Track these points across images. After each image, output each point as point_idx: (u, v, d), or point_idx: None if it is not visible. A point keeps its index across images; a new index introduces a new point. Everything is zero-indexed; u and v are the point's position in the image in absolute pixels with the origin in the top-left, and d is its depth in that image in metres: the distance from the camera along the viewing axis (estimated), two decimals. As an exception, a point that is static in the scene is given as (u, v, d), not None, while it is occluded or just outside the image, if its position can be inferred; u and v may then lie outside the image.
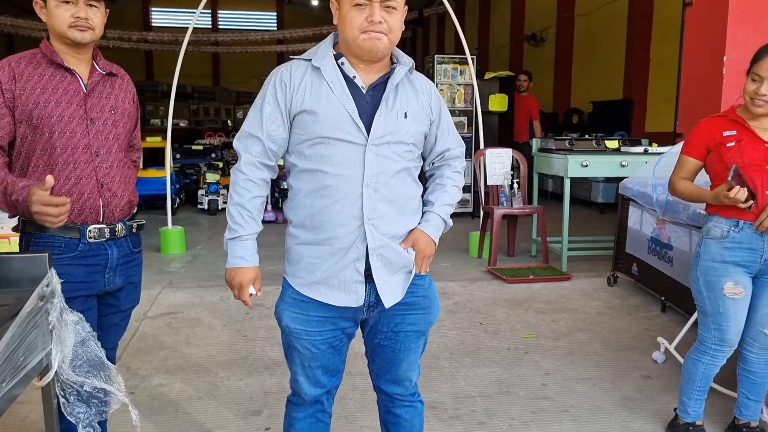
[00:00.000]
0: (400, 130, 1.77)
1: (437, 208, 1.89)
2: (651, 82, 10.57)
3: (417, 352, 1.96)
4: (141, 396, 3.07)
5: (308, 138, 1.75)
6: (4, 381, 1.47)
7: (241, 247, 1.79)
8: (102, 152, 2.02)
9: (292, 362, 1.92)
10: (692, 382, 2.61)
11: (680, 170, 2.63)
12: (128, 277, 2.16)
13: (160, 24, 25.35)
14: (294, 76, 1.76)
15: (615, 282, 5.05)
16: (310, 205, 1.77)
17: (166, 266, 5.71)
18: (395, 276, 1.83)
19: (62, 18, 1.93)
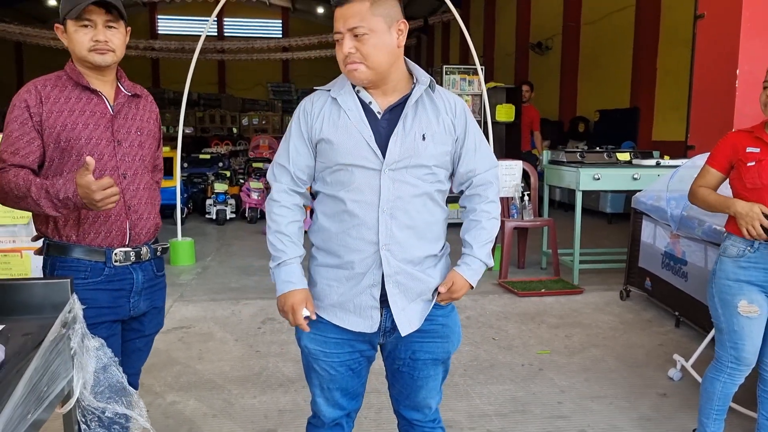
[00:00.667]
0: (418, 153, 1.74)
1: (476, 251, 1.85)
2: (658, 91, 10.54)
3: (437, 380, 1.94)
4: (155, 414, 3.05)
5: (328, 165, 1.77)
6: (29, 413, 1.46)
7: (286, 271, 1.79)
8: (129, 174, 2.01)
9: (312, 383, 1.92)
10: (710, 402, 2.59)
11: (702, 179, 2.62)
12: (153, 301, 2.13)
13: (167, 32, 25.45)
14: (315, 107, 1.80)
15: (627, 296, 5.02)
16: (328, 228, 1.79)
17: (176, 278, 5.70)
18: (413, 303, 1.81)
19: (82, 42, 1.92)
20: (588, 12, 12.95)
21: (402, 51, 1.77)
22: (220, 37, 25.23)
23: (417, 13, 20.49)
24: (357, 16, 1.67)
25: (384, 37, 1.69)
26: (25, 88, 1.93)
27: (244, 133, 18.33)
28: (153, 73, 25.21)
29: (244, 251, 6.98)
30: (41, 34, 17.03)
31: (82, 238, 1.96)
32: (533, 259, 6.37)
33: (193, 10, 23.30)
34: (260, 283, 5.50)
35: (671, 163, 5.33)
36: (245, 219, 9.01)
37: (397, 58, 1.75)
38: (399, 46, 1.73)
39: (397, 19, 1.72)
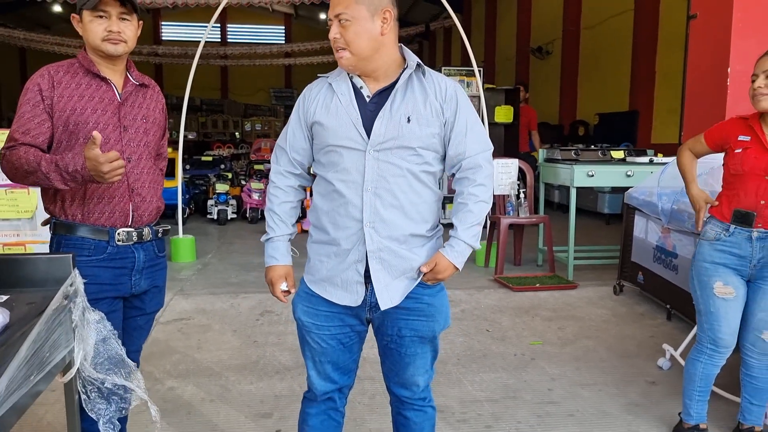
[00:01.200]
0: (402, 135, 1.79)
1: (461, 233, 1.86)
2: (657, 94, 10.63)
3: (425, 358, 1.98)
4: (154, 398, 3.11)
5: (321, 147, 1.88)
6: (32, 375, 1.54)
7: (273, 247, 1.98)
8: (133, 158, 2.10)
9: (305, 356, 2.01)
10: (692, 383, 2.67)
11: (694, 144, 2.78)
12: (153, 280, 2.22)
13: (170, 38, 25.66)
14: (312, 92, 1.92)
15: (621, 290, 5.09)
16: (321, 207, 1.90)
17: (177, 274, 5.78)
18: (397, 281, 1.86)
19: (96, 32, 2.02)
20: (587, 16, 13.06)
21: (390, 38, 1.81)
22: (224, 43, 25.43)
23: (419, 19, 20.64)
24: (342, 3, 1.76)
25: (366, 24, 1.75)
26: (39, 73, 2.03)
27: (246, 138, 18.46)
28: (156, 79, 25.17)
29: (244, 249, 7.07)
30: (45, 39, 17.23)
31: (87, 218, 2.05)
32: (529, 257, 6.44)
33: (196, 17, 23.50)
34: (259, 279, 5.58)
35: (664, 161, 5.42)
36: (246, 219, 9.10)
37: (382, 45, 1.80)
38: (383, 33, 1.78)
39: (381, 8, 1.77)
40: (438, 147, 1.87)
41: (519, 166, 5.91)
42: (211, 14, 6.51)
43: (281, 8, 24.71)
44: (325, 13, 16.44)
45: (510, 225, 5.82)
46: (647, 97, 10.73)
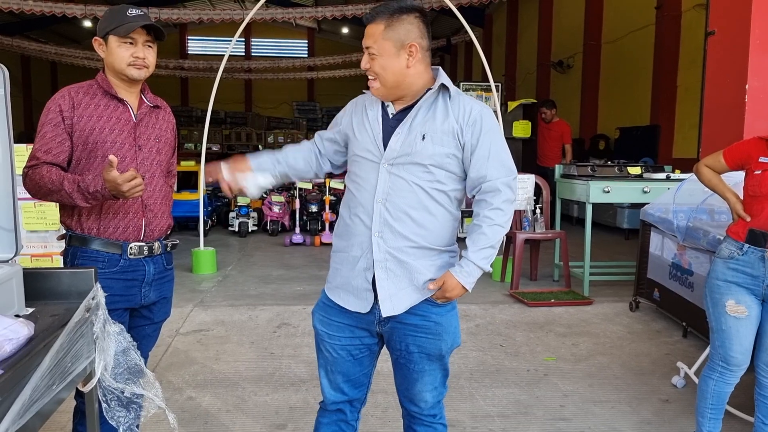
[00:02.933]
0: (416, 152, 1.87)
1: (472, 254, 1.88)
2: (678, 108, 10.56)
3: (433, 376, 2.00)
4: (173, 407, 3.20)
5: (350, 156, 2.05)
6: (54, 384, 1.62)
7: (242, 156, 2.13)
8: (147, 176, 2.21)
9: (319, 365, 2.09)
10: (704, 400, 2.67)
11: (711, 160, 2.79)
12: (162, 292, 2.33)
13: (196, 52, 26.09)
14: (356, 105, 2.08)
15: (637, 307, 5.07)
16: (342, 216, 2.04)
17: (197, 285, 5.90)
18: (402, 291, 1.91)
19: (122, 57, 2.14)
20: (608, 31, 13.03)
21: (417, 69, 1.90)
22: (248, 57, 25.77)
23: (440, 33, 20.75)
24: (371, 37, 1.89)
25: (391, 60, 1.88)
26: (60, 94, 2.15)
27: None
28: (182, 92, 25.81)
29: (264, 261, 7.17)
30: (75, 53, 17.67)
31: (102, 232, 2.16)
32: (546, 272, 6.45)
33: (221, 31, 23.86)
34: (278, 291, 5.68)
35: (681, 177, 5.40)
36: (266, 231, 9.22)
37: (408, 77, 1.90)
38: (408, 66, 1.89)
39: (408, 43, 1.87)
40: (453, 167, 1.91)
41: (535, 182, 5.94)
42: (235, 29, 6.67)
43: (304, 23, 25.04)
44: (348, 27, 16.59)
45: (526, 240, 5.84)
46: (669, 111, 10.66)
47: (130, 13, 2.13)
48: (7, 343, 1.44)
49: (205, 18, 13.88)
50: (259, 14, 12.75)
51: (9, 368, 1.38)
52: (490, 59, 19.41)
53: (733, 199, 2.68)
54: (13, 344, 1.46)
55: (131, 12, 2.14)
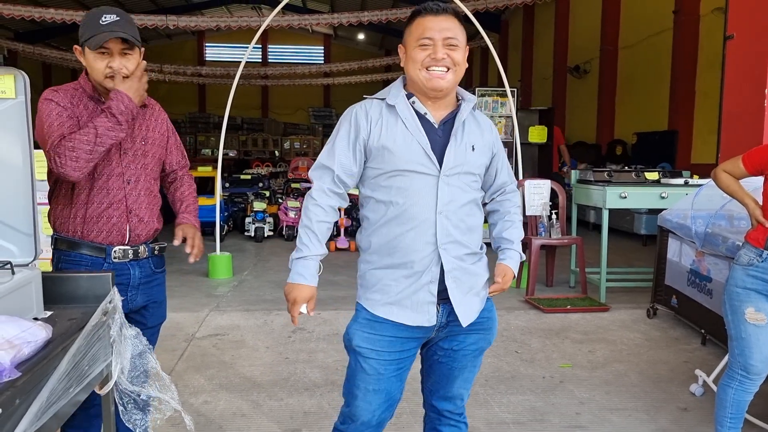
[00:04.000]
0: (468, 162, 1.93)
1: (516, 246, 2.08)
2: (697, 114, 10.47)
3: (472, 371, 2.06)
4: (189, 411, 3.18)
5: (385, 171, 1.90)
6: (71, 387, 1.64)
7: (303, 265, 1.92)
8: (132, 180, 2.20)
9: (355, 386, 1.97)
10: (724, 409, 2.63)
11: (729, 166, 2.75)
12: (151, 296, 2.30)
13: (214, 59, 26.35)
14: (371, 114, 1.92)
15: (655, 314, 5.02)
16: (387, 233, 1.91)
17: (213, 290, 5.94)
18: (467, 296, 1.95)
19: (98, 69, 2.10)
20: (625, 36, 12.97)
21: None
22: (264, 64, 25.98)
23: (456, 39, 20.74)
24: (452, 29, 1.88)
25: (464, 53, 1.93)
26: (46, 94, 2.11)
27: (285, 156, 18.76)
28: (199, 99, 26.08)
29: (279, 266, 7.20)
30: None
31: (86, 235, 2.15)
32: (562, 278, 6.40)
33: (239, 38, 24.12)
34: (293, 297, 5.69)
35: (699, 182, 5.34)
36: (282, 237, 9.27)
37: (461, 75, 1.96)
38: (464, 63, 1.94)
39: (466, 41, 1.95)
40: (484, 175, 2.06)
41: (551, 187, 5.91)
42: (252, 36, 6.72)
43: (320, 29, 25.19)
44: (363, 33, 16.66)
45: (542, 246, 5.81)
46: (687, 116, 10.57)
47: (103, 21, 2.05)
48: (25, 345, 1.46)
49: (222, 25, 14.01)
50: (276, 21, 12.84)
51: (27, 371, 1.40)
52: (506, 65, 19.45)
53: (752, 204, 2.65)
54: (31, 347, 1.48)
55: (105, 19, 2.05)
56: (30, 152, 1.81)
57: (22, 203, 1.83)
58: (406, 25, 1.95)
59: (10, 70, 1.76)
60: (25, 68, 2.02)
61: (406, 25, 1.94)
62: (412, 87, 1.95)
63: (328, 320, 4.83)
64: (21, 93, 1.77)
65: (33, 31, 18.84)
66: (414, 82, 1.92)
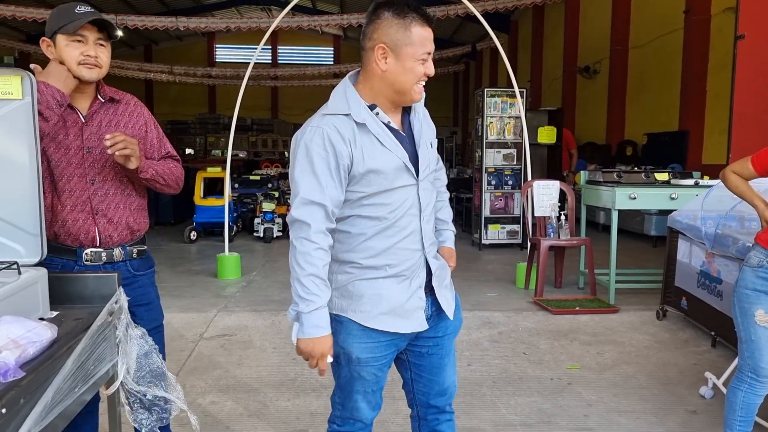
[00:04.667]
0: (432, 160, 1.93)
1: (450, 225, 2.14)
2: (708, 114, 10.37)
3: (454, 355, 2.07)
4: (196, 412, 3.18)
5: (372, 192, 1.78)
6: (77, 386, 1.65)
7: (317, 316, 1.74)
8: (98, 180, 2.12)
9: (354, 392, 1.92)
10: (733, 412, 2.61)
11: (738, 167, 2.70)
12: (134, 299, 2.16)
13: (224, 60, 26.45)
14: (345, 136, 1.73)
15: (664, 316, 4.98)
16: (372, 247, 1.81)
17: (222, 291, 5.96)
18: (445, 290, 1.97)
19: (72, 56, 2.02)
20: (636, 36, 12.88)
21: None
22: (274, 65, 26.05)
23: (465, 39, 20.74)
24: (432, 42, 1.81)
25: None
26: None
27: (294, 157, 18.76)
28: (209, 100, 26.18)
29: (287, 267, 7.07)
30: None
31: (54, 238, 2.11)
32: (571, 279, 6.37)
33: (249, 39, 24.21)
34: (301, 297, 5.70)
35: (709, 183, 5.30)
36: (291, 237, 9.27)
37: None
38: None
39: None
40: None
41: (560, 188, 5.88)
42: (262, 37, 6.74)
43: (330, 30, 25.23)
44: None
45: (550, 247, 5.78)
46: (698, 117, 10.48)
47: (78, 10, 2.02)
48: (30, 345, 1.47)
49: (232, 26, 14.08)
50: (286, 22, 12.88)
51: (32, 371, 1.40)
52: (516, 65, 19.40)
53: (762, 206, 2.62)
54: (36, 347, 1.48)
55: (80, 9, 2.02)
56: (36, 153, 1.81)
57: (28, 203, 1.84)
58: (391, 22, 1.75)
59: (17, 71, 1.76)
60: (35, 70, 2.02)
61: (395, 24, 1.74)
62: (372, 92, 1.80)
63: (336, 321, 4.83)
64: (28, 94, 1.77)
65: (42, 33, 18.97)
66: (395, 91, 1.79)
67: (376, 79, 1.79)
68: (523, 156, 6.65)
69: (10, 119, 1.80)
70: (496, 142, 8.42)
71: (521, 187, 7.16)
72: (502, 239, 8.58)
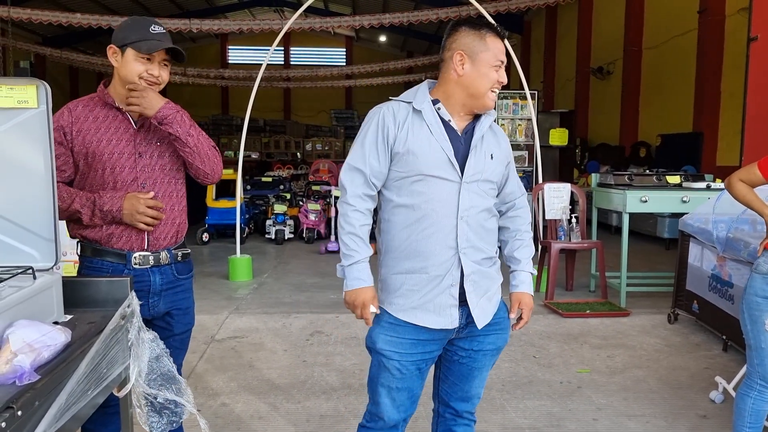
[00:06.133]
0: (487, 170, 2.00)
1: (528, 266, 2.13)
2: (722, 115, 10.30)
3: (488, 370, 2.14)
4: (206, 414, 3.28)
5: (408, 175, 1.95)
6: (90, 389, 1.68)
7: (358, 269, 1.96)
8: (148, 184, 2.18)
9: (379, 385, 2.04)
10: (742, 418, 2.60)
11: (744, 174, 2.66)
12: (174, 303, 2.27)
13: (236, 61, 26.58)
14: (398, 117, 1.96)
15: (676, 319, 4.96)
16: (407, 237, 1.96)
17: (233, 293, 6.01)
18: (482, 300, 2.01)
19: (136, 70, 2.10)
20: (649, 36, 12.81)
21: None
22: (287, 66, 26.13)
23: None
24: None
25: None
26: (60, 112, 2.14)
27: (307, 158, 18.87)
28: (222, 101, 26.32)
29: (299, 269, 7.26)
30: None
31: (107, 241, 2.17)
32: (582, 282, 6.35)
33: (261, 41, 24.30)
34: (311, 299, 5.74)
35: (721, 186, 5.26)
36: (303, 239, 9.33)
37: None
38: None
39: None
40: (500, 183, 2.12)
41: (571, 191, 5.87)
42: (275, 38, 6.78)
43: (342, 31, 25.29)
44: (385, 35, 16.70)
45: (561, 250, 5.77)
46: (712, 118, 10.41)
47: (153, 30, 2.10)
48: (45, 349, 1.50)
49: (245, 28, 14.14)
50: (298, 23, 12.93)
51: (46, 374, 1.44)
52: (529, 66, 19.34)
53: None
54: (51, 350, 1.52)
55: (154, 29, 2.11)
56: (51, 160, 1.85)
57: (43, 209, 1.87)
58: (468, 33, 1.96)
59: (33, 81, 1.81)
60: (53, 72, 2.07)
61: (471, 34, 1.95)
62: (445, 95, 1.98)
63: (346, 323, 4.85)
64: (43, 102, 1.81)
65: (60, 36, 19.21)
66: (470, 96, 1.96)
67: (452, 83, 1.97)
68: (535, 158, 6.64)
69: (26, 127, 1.84)
70: (508, 144, 8.39)
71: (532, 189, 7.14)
72: (514, 241, 8.54)
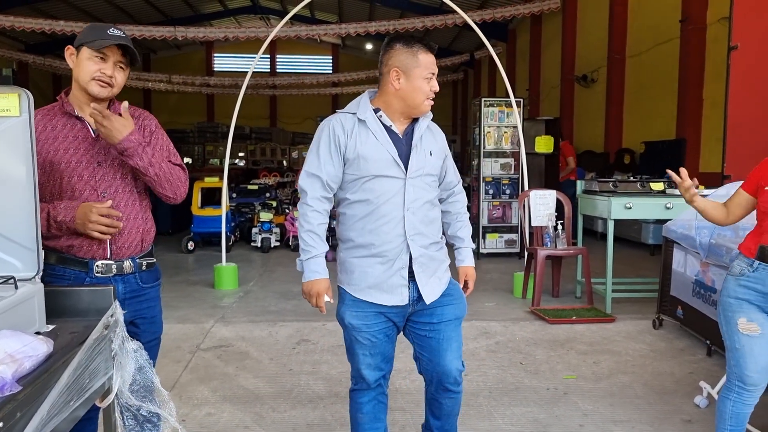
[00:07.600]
0: (428, 165, 2.31)
1: (469, 243, 2.54)
2: (705, 122, 10.41)
3: (458, 341, 2.38)
4: (191, 424, 3.25)
5: (361, 176, 2.24)
6: (71, 400, 1.66)
7: (315, 263, 2.26)
8: (109, 192, 2.15)
9: (356, 354, 2.35)
10: (723, 421, 2.63)
11: (733, 200, 2.66)
12: (138, 312, 2.23)
13: (222, 69, 26.52)
14: (346, 127, 2.25)
15: (660, 325, 5.00)
16: (362, 227, 2.27)
17: (219, 301, 5.97)
18: (431, 279, 2.33)
19: (89, 70, 2.09)
20: (633, 44, 12.95)
21: None
22: (273, 73, 26.11)
23: (464, 48, 20.84)
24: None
25: None
26: None
27: (293, 166, 18.82)
28: (208, 108, 26.23)
29: (285, 277, 7.23)
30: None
31: (68, 250, 2.14)
32: (568, 289, 6.38)
33: (247, 48, 24.28)
34: (298, 307, 5.71)
35: (705, 192, 5.31)
36: (289, 247, 9.29)
37: None
38: None
39: None
40: (440, 176, 2.45)
41: (557, 197, 5.90)
42: (261, 46, 6.77)
43: (328, 39, 25.33)
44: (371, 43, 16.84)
45: (547, 256, 5.80)
46: (695, 125, 10.52)
47: (110, 32, 2.10)
48: (26, 360, 1.48)
49: (230, 36, 14.15)
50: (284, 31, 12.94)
51: (28, 385, 1.42)
52: (514, 74, 19.47)
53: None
54: (32, 361, 1.50)
55: (112, 31, 2.11)
56: (33, 169, 1.84)
57: (25, 218, 1.85)
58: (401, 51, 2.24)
59: (15, 89, 1.79)
60: (36, 79, 2.05)
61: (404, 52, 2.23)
62: (386, 104, 2.27)
63: (333, 331, 4.84)
64: (25, 111, 1.80)
65: (43, 43, 19.06)
66: (407, 105, 2.25)
67: (390, 95, 2.27)
68: (521, 165, 6.67)
69: (8, 136, 1.82)
70: (494, 151, 8.47)
71: (518, 196, 7.19)
72: (500, 248, 8.60)
